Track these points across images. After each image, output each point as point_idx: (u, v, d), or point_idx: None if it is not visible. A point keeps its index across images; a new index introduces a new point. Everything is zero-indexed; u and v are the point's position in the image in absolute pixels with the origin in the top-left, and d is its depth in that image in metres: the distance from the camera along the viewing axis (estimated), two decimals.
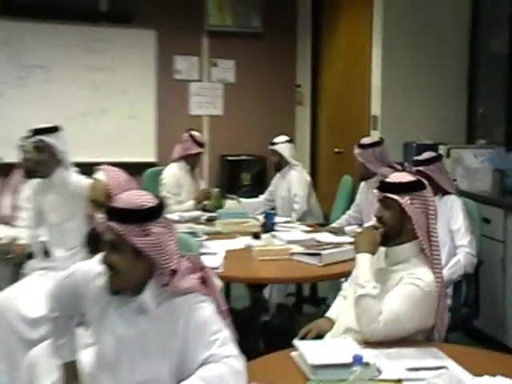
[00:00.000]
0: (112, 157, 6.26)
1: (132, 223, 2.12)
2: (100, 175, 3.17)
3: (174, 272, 2.19)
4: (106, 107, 7.56)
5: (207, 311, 2.20)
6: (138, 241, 2.12)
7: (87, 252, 3.20)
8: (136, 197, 2.21)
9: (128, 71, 7.59)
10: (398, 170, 4.67)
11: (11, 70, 7.32)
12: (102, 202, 3.10)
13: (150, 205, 2.17)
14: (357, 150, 4.77)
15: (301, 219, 5.15)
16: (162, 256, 2.17)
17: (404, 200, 2.59)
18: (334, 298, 3.04)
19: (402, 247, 2.65)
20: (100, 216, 3.02)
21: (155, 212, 2.18)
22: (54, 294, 2.47)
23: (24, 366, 3.15)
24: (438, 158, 4.15)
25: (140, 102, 7.65)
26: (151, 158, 7.45)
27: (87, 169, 4.07)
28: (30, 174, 4.64)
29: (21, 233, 4.42)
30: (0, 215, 5.08)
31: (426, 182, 2.74)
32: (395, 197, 2.60)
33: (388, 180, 2.69)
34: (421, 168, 3.97)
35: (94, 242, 3.11)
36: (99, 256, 2.37)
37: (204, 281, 2.27)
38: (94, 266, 2.32)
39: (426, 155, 4.18)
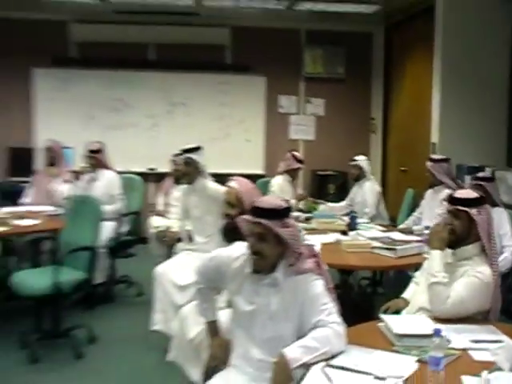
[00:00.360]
0: (232, 169, 6.32)
1: (276, 219, 2.14)
2: (233, 183, 3.19)
3: (298, 255, 2.20)
4: (229, 133, 7.64)
5: (319, 287, 2.19)
6: (282, 231, 2.14)
7: (222, 240, 3.14)
8: (274, 200, 2.23)
9: (245, 106, 7.66)
10: (457, 183, 4.58)
11: (163, 106, 7.55)
12: (234, 203, 3.10)
13: (285, 205, 2.20)
14: (429, 163, 4.64)
15: (370, 221, 5.00)
16: (296, 243, 2.19)
17: (473, 211, 2.52)
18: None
19: (467, 247, 2.56)
20: (242, 215, 3.03)
21: (288, 210, 2.21)
22: (200, 271, 2.48)
23: (176, 319, 3.19)
24: (493, 178, 4.04)
25: (253, 129, 7.69)
26: (260, 171, 7.47)
27: (216, 178, 4.24)
28: (178, 181, 4.79)
29: (172, 223, 4.54)
30: (156, 210, 5.26)
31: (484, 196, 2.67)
32: (466, 209, 2.53)
33: (458, 196, 2.60)
34: (482, 183, 3.83)
35: (227, 233, 3.10)
36: (237, 244, 2.40)
37: (317, 264, 2.27)
38: (232, 252, 2.35)
39: (485, 174, 4.07)
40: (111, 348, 4.07)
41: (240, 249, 2.31)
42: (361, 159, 5.44)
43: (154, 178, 7.06)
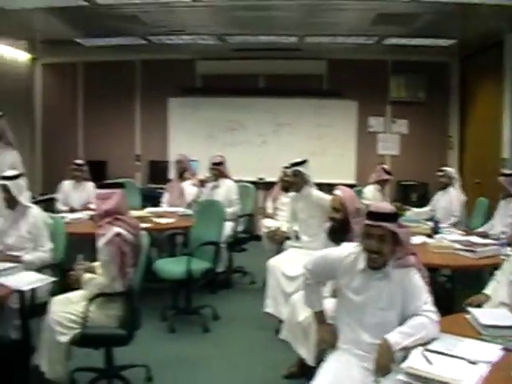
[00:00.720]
0: (328, 180, 6.24)
1: (393, 222, 2.12)
2: (338, 192, 3.20)
3: (407, 251, 2.16)
4: (325, 149, 7.59)
5: (419, 280, 2.18)
6: (400, 232, 2.12)
7: (326, 239, 3.13)
8: (387, 206, 2.22)
9: (339, 127, 7.60)
10: None
11: (271, 126, 7.66)
12: (338, 208, 3.10)
13: (395, 210, 2.19)
14: (501, 178, 4.45)
15: (455, 226, 4.78)
16: (408, 240, 2.18)
17: None
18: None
19: None
20: (345, 218, 3.06)
21: (398, 214, 2.20)
22: (309, 268, 2.40)
23: (287, 305, 3.23)
24: None
25: (346, 146, 7.60)
26: (352, 181, 7.32)
27: (317, 186, 4.22)
28: (286, 189, 4.84)
29: (281, 224, 4.59)
30: (266, 213, 5.34)
31: None
32: None
33: None
34: None
35: (332, 234, 3.10)
36: (344, 244, 2.38)
37: (418, 260, 2.25)
38: (342, 251, 2.31)
39: None
40: (231, 325, 4.21)
41: (348, 248, 2.30)
42: (450, 169, 5.24)
43: (263, 186, 7.16)
